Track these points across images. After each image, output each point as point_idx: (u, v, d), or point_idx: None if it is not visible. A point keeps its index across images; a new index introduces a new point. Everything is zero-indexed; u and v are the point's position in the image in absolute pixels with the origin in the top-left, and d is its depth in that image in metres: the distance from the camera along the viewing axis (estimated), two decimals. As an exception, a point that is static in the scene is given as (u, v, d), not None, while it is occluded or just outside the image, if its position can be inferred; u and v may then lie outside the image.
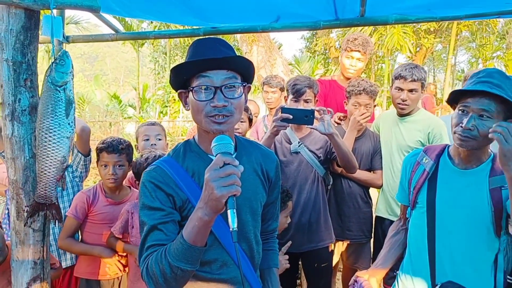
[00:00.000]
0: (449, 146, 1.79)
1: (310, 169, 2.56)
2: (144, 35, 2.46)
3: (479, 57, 19.48)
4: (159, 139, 2.79)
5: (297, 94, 2.54)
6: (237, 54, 1.31)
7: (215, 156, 1.10)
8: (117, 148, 2.35)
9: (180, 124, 14.71)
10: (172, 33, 2.37)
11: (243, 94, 1.31)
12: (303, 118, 2.22)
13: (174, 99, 15.78)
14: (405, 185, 1.86)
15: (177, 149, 1.40)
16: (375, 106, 2.91)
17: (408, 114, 2.73)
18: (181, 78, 1.30)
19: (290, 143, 2.59)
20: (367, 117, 2.76)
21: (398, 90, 2.68)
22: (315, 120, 2.26)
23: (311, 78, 2.68)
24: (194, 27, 2.33)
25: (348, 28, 15.15)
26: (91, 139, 2.63)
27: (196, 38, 1.43)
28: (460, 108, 1.59)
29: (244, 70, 1.31)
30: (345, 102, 2.93)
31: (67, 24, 16.93)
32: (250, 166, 1.42)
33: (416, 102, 2.69)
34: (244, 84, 1.31)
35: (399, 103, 2.68)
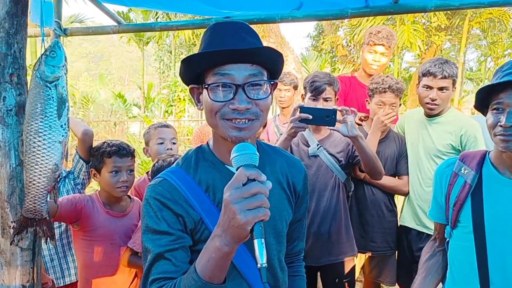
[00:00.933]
0: (489, 152, 1.54)
1: (330, 174, 2.35)
2: (149, 27, 2.22)
3: (489, 55, 19.13)
4: (174, 143, 2.58)
5: (316, 92, 2.33)
6: (264, 45, 1.05)
7: (236, 169, 0.89)
8: (129, 150, 2.10)
9: (186, 124, 14.53)
10: (180, 24, 2.13)
11: (270, 93, 1.07)
12: (324, 118, 2.02)
13: (179, 98, 15.60)
14: (442, 201, 1.60)
15: (188, 158, 1.17)
16: (400, 105, 2.67)
17: (437, 115, 2.48)
18: (194, 72, 1.07)
19: (308, 145, 2.38)
20: (392, 117, 2.52)
21: (427, 88, 2.42)
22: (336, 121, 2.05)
23: (331, 74, 2.46)
24: (205, 17, 2.09)
25: (357, 24, 14.91)
26: (96, 139, 2.39)
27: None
28: (494, 107, 1.37)
29: (272, 64, 1.08)
30: (367, 101, 2.70)
31: (71, 23, 16.79)
32: (274, 178, 1.19)
33: (447, 101, 2.44)
34: (272, 82, 1.07)
35: (427, 103, 2.43)
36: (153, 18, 16.57)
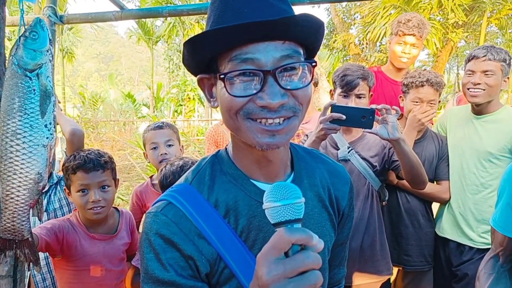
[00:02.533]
0: None
1: (362, 181, 2.09)
2: (156, 12, 1.94)
3: (507, 52, 18.64)
4: (170, 145, 2.27)
5: (348, 87, 2.07)
6: (296, 13, 0.74)
7: (274, 226, 0.65)
8: (98, 162, 1.72)
9: (196, 124, 14.36)
10: (191, 9, 1.85)
11: (311, 79, 0.78)
12: (359, 119, 1.77)
13: (189, 98, 15.46)
14: None
15: (201, 171, 0.88)
16: (439, 102, 2.37)
17: (486, 111, 2.18)
18: (203, 57, 0.77)
19: (337, 148, 2.12)
20: (432, 114, 2.24)
21: (470, 73, 2.16)
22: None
23: (364, 67, 2.19)
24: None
25: (370, 22, 14.56)
26: (104, 140, 2.12)
27: None
28: None
29: (311, 39, 0.78)
30: (400, 97, 2.44)
31: (81, 22, 16.74)
32: (313, 193, 0.93)
33: (495, 89, 2.13)
34: (313, 63, 0.77)
35: (469, 89, 2.15)
36: (161, 21, 16.48)
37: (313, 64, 0.78)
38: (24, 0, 1.13)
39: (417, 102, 2.26)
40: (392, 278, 2.55)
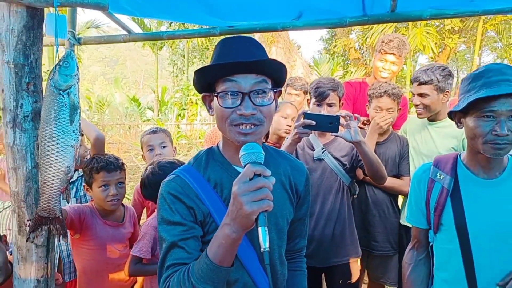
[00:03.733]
0: (460, 155, 1.60)
1: (334, 177, 2.40)
2: (157, 36, 2.32)
3: (505, 57, 18.83)
4: (164, 147, 2.63)
5: (320, 97, 2.39)
6: (268, 57, 1.18)
7: (244, 166, 1.01)
8: (117, 164, 2.16)
9: (198, 127, 14.67)
10: (186, 33, 2.23)
11: (274, 100, 1.19)
12: (327, 125, 2.06)
13: (192, 102, 15.76)
14: (422, 206, 1.63)
15: (199, 158, 1.29)
16: (399, 109, 2.73)
17: (438, 118, 2.53)
18: (206, 81, 1.20)
19: (313, 149, 2.43)
20: (388, 120, 2.60)
21: (413, 95, 2.54)
22: (340, 126, 2.09)
23: (335, 80, 2.50)
24: (210, 26, 2.18)
25: (369, 28, 14.88)
26: (110, 142, 2.53)
27: (216, 38, 1.27)
28: (484, 115, 1.40)
29: (276, 74, 1.19)
30: (367, 105, 2.78)
31: (87, 28, 17.14)
32: (277, 178, 1.27)
33: (435, 105, 2.46)
34: (275, 90, 1.19)
35: (415, 107, 2.53)
36: (166, 23, 16.82)
37: (275, 91, 1.19)
38: (58, 37, 1.51)
39: (377, 110, 2.60)
40: (364, 263, 2.88)
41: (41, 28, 1.56)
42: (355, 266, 2.48)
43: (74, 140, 1.54)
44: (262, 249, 0.94)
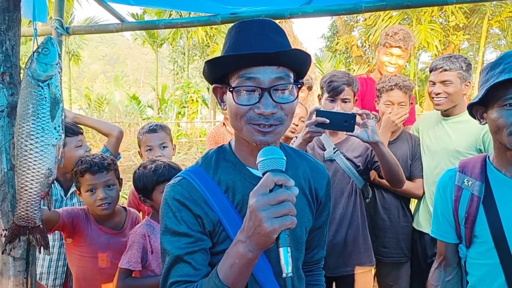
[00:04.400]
0: (488, 156, 1.41)
1: (346, 180, 2.22)
2: (152, 25, 2.13)
3: (509, 54, 18.60)
4: (164, 147, 2.44)
5: (334, 92, 2.20)
6: (292, 47, 1.02)
7: (262, 174, 0.88)
8: (102, 165, 1.92)
9: (199, 125, 14.52)
10: (185, 21, 2.03)
11: (297, 95, 1.04)
12: (342, 123, 1.88)
13: (192, 100, 15.62)
14: (450, 218, 1.44)
15: (208, 158, 1.14)
16: (411, 104, 2.54)
17: (454, 113, 2.35)
18: (218, 73, 1.05)
19: (323, 149, 2.25)
20: (403, 116, 2.40)
21: (432, 84, 2.35)
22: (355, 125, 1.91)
23: (350, 74, 2.32)
24: (211, 14, 1.99)
25: (372, 24, 14.68)
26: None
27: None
28: (507, 103, 1.23)
29: (299, 66, 1.04)
30: (376, 101, 2.61)
31: (85, 33, 16.97)
32: (296, 182, 1.12)
33: (456, 96, 2.29)
34: (298, 84, 1.04)
35: (433, 98, 2.35)
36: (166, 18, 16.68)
37: (299, 85, 1.04)
38: (36, 20, 1.32)
39: (388, 104, 2.43)
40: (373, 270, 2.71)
41: (18, 11, 1.37)
42: (369, 276, 2.31)
43: (56, 138, 1.36)
44: (284, 275, 0.82)
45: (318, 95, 2.44)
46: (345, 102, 2.22)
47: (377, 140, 1.92)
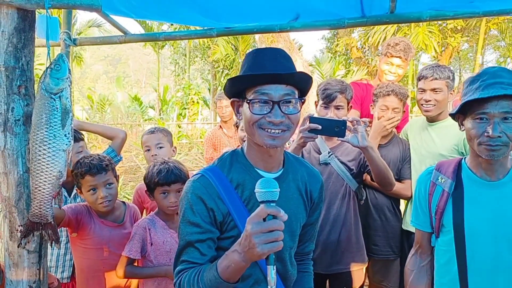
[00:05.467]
0: (464, 158, 1.60)
1: (340, 182, 2.34)
2: (153, 37, 2.30)
3: (508, 56, 18.73)
4: (161, 147, 2.61)
5: (328, 99, 2.33)
6: (297, 70, 1.28)
7: (259, 201, 1.07)
8: (101, 166, 2.08)
9: (199, 126, 14.66)
10: (183, 34, 2.20)
11: (300, 109, 1.28)
12: (333, 129, 1.99)
13: (193, 101, 15.75)
14: (425, 209, 1.62)
15: (224, 159, 1.37)
16: (404, 112, 2.69)
17: (438, 119, 2.49)
18: (237, 89, 1.29)
19: (319, 153, 2.37)
20: (395, 121, 2.54)
21: (421, 91, 2.48)
22: (347, 130, 2.01)
23: (344, 82, 2.44)
24: (207, 27, 2.15)
25: (372, 27, 14.81)
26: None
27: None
28: (478, 117, 1.43)
29: (303, 85, 1.28)
30: (371, 106, 2.72)
31: (89, 27, 17.15)
32: (294, 184, 1.40)
33: (443, 103, 2.45)
34: (302, 100, 1.29)
35: (422, 105, 2.48)
36: (166, 25, 16.81)
37: (302, 100, 1.29)
38: (50, 39, 1.48)
39: (383, 109, 2.54)
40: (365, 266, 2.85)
41: (33, 31, 1.53)
42: (361, 273, 2.43)
43: (66, 144, 1.52)
44: (269, 287, 1.04)
45: (315, 101, 2.55)
46: (338, 109, 2.33)
47: (367, 145, 2.02)
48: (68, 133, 1.52)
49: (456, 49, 15.22)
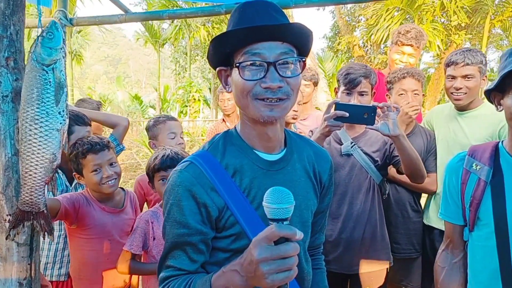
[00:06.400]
0: (502, 141, 1.42)
1: (364, 175, 2.17)
2: (156, 15, 2.13)
3: (511, 54, 18.52)
4: (182, 137, 2.55)
5: (351, 85, 2.15)
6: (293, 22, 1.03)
7: (268, 218, 0.85)
8: (103, 144, 1.94)
9: (200, 124, 14.52)
10: (189, 12, 2.03)
11: (301, 71, 1.06)
12: (362, 116, 1.84)
13: (194, 99, 15.63)
14: (457, 200, 1.45)
15: (215, 142, 1.14)
16: (423, 95, 2.52)
17: (470, 108, 2.32)
18: (223, 52, 1.05)
19: (340, 143, 2.20)
20: (416, 106, 2.37)
21: (451, 78, 2.30)
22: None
23: (367, 66, 2.27)
24: (214, 3, 1.98)
25: (374, 24, 14.63)
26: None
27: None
28: None
29: (302, 42, 1.05)
30: (387, 95, 2.57)
31: (89, 24, 16.97)
32: (301, 165, 1.17)
33: (475, 91, 2.28)
34: (303, 59, 1.06)
35: (452, 93, 2.30)
36: (167, 23, 16.71)
37: (303, 60, 1.06)
38: (41, 4, 1.31)
39: (402, 94, 2.39)
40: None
41: (23, -5, 1.37)
42: (383, 273, 2.26)
43: (61, 123, 1.34)
44: None
45: (335, 88, 2.40)
46: (362, 95, 2.16)
47: (399, 133, 1.87)
48: (63, 111, 1.34)
49: (459, 46, 15.05)
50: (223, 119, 4.30)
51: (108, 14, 2.16)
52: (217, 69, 1.10)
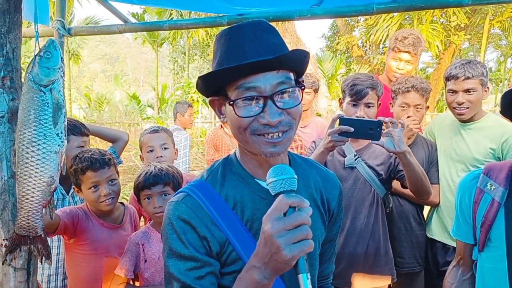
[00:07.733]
0: None
1: (368, 188, 2.12)
2: (157, 26, 2.08)
3: (510, 55, 18.60)
4: (165, 148, 2.38)
5: (357, 96, 2.09)
6: (295, 48, 0.97)
7: (274, 195, 0.84)
8: (103, 161, 1.88)
9: (199, 125, 14.45)
10: (190, 23, 1.98)
11: (301, 98, 0.97)
12: (367, 131, 1.79)
13: (193, 99, 15.53)
14: (468, 219, 1.42)
15: (214, 171, 1.06)
16: (427, 108, 2.47)
17: (473, 120, 2.27)
18: (213, 87, 0.98)
19: (344, 155, 2.16)
20: (416, 120, 2.33)
21: (452, 93, 2.24)
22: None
23: (373, 77, 2.21)
24: (217, 15, 1.94)
25: (373, 24, 14.60)
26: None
27: (220, 29, 1.00)
28: None
29: (299, 66, 0.97)
30: (390, 103, 2.51)
31: (86, 24, 16.87)
32: (307, 193, 1.09)
33: (478, 104, 2.22)
34: (302, 86, 0.97)
35: (455, 108, 2.24)
36: (166, 19, 16.59)
37: (302, 87, 0.97)
38: (38, 23, 1.26)
39: (404, 107, 2.34)
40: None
41: (19, 12, 1.32)
42: None
43: (59, 145, 1.30)
44: None
45: (339, 99, 2.35)
46: (369, 106, 2.10)
47: (404, 150, 1.83)
48: (61, 132, 1.31)
49: (458, 47, 15.02)
50: (221, 125, 4.25)
51: (107, 24, 2.10)
52: (209, 99, 1.02)
